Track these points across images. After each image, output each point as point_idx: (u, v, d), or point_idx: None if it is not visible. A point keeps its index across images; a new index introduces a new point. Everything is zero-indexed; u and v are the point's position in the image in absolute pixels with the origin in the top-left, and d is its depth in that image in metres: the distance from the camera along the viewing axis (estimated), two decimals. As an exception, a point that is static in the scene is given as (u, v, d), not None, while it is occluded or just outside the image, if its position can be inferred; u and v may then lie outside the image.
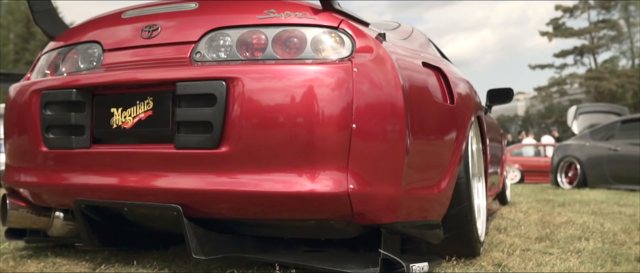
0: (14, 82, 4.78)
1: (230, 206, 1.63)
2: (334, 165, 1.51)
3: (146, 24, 1.82)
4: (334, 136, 1.51)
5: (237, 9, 1.74)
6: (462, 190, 1.96)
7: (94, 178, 1.75)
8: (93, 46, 1.92)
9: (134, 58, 1.78)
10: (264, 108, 1.55)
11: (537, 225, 3.12)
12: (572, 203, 4.65)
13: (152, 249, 2.15)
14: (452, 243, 2.00)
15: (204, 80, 1.58)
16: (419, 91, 1.73)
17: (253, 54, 1.65)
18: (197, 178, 1.59)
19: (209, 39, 1.70)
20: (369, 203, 1.55)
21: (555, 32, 38.70)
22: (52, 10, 2.13)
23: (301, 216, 1.61)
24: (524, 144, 15.84)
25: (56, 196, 1.90)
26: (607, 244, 2.47)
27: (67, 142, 1.79)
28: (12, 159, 1.99)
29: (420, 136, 1.69)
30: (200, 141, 1.57)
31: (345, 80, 1.54)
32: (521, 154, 14.82)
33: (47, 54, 2.07)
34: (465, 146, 1.99)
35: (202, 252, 1.64)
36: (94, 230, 1.86)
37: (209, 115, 1.56)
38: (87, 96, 1.78)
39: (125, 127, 1.71)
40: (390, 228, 1.67)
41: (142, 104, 1.69)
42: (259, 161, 1.56)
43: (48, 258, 2.02)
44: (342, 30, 1.64)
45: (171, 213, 1.61)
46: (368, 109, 1.54)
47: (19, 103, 1.95)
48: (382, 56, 1.60)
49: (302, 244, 1.99)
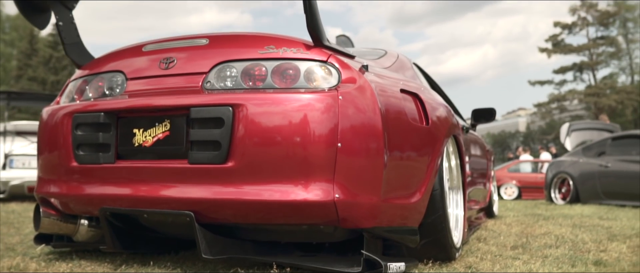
0: (41, 100, 5.13)
1: (235, 212, 1.90)
2: (323, 177, 1.80)
3: (164, 56, 2.12)
4: (322, 153, 1.80)
5: (241, 44, 2.04)
6: (437, 200, 2.24)
7: (118, 189, 2.04)
8: (117, 74, 2.22)
9: (153, 86, 2.08)
10: (264, 129, 1.83)
11: (516, 236, 3.38)
12: (557, 217, 4.91)
13: (165, 253, 2.43)
14: (429, 248, 2.28)
15: (213, 106, 1.87)
16: (396, 114, 2.02)
17: (255, 83, 1.95)
18: (207, 188, 1.87)
19: (218, 70, 2.00)
20: (352, 210, 1.83)
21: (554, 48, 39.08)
22: (80, 42, 2.44)
23: (295, 221, 1.89)
24: (522, 160, 16.08)
25: (83, 205, 2.18)
26: (573, 251, 2.73)
27: (95, 158, 2.08)
28: (44, 172, 2.28)
29: (397, 152, 1.98)
30: (210, 157, 1.86)
31: (332, 106, 1.83)
32: (519, 171, 15.04)
33: (74, 81, 2.37)
34: (440, 162, 2.27)
35: (210, 252, 1.92)
36: (117, 235, 2.14)
37: (218, 135, 1.85)
38: (112, 119, 2.07)
39: (146, 145, 2.00)
40: (372, 233, 1.94)
41: (160, 125, 1.98)
42: (260, 174, 1.84)
43: (74, 260, 2.29)
44: (330, 63, 1.93)
45: (184, 219, 1.89)
46: (351, 131, 1.82)
47: (51, 124, 2.24)
48: (363, 85, 1.89)
49: (297, 249, 2.26)
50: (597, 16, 37.31)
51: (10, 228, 3.64)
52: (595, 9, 37.24)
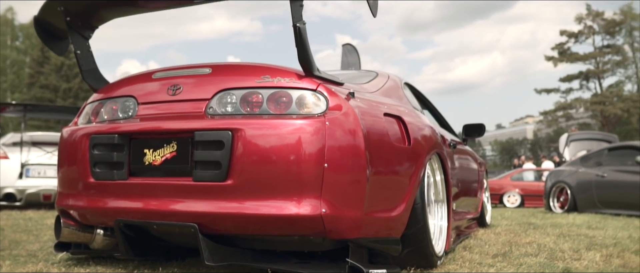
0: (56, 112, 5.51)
1: (234, 225, 2.15)
2: (311, 194, 2.04)
3: (171, 83, 2.37)
4: (311, 173, 2.04)
5: (240, 73, 2.29)
6: (418, 213, 2.47)
7: (130, 203, 2.29)
8: (129, 99, 2.47)
9: (162, 110, 2.34)
10: (260, 151, 2.08)
11: (501, 245, 3.60)
12: (547, 227, 5.11)
13: (172, 259, 2.67)
14: (412, 256, 2.51)
15: (215, 130, 2.12)
16: (378, 136, 2.26)
17: (252, 109, 2.19)
18: (209, 203, 2.12)
19: (219, 97, 2.25)
20: (338, 223, 2.07)
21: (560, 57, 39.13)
22: (96, 68, 2.70)
23: (288, 232, 2.12)
24: (525, 169, 16.22)
25: (99, 217, 2.43)
26: (548, 260, 2.94)
27: (110, 175, 2.33)
28: (64, 187, 2.54)
29: (379, 171, 2.21)
30: (212, 175, 2.11)
31: (320, 130, 2.07)
32: (521, 179, 15.19)
33: (91, 104, 2.63)
34: (420, 178, 2.50)
35: (213, 260, 2.16)
36: (129, 244, 2.39)
37: (219, 156, 2.09)
38: (126, 140, 2.33)
39: (155, 164, 2.25)
40: (356, 243, 2.18)
41: (168, 146, 2.23)
42: (256, 191, 2.08)
43: (90, 266, 2.54)
44: (319, 92, 2.17)
45: (189, 230, 2.14)
46: (336, 152, 2.06)
47: (70, 143, 2.50)
48: (348, 111, 2.13)
49: (293, 256, 2.50)
50: (603, 25, 37.38)
51: (30, 235, 3.90)
52: (602, 17, 37.32)
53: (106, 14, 2.63)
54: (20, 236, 3.87)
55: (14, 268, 2.47)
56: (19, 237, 3.80)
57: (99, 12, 2.59)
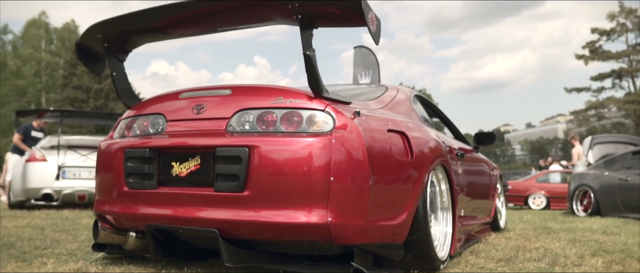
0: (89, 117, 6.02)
1: (251, 231, 2.39)
2: (319, 204, 2.27)
3: (196, 103, 2.64)
4: (318, 185, 2.27)
5: (257, 94, 2.54)
6: (420, 221, 2.68)
7: (159, 209, 2.56)
8: (159, 117, 2.75)
9: (187, 128, 2.60)
10: (274, 165, 2.32)
11: (509, 249, 3.76)
12: (562, 231, 5.22)
13: (196, 260, 2.94)
14: (415, 261, 2.72)
15: (234, 147, 2.37)
16: (381, 151, 2.47)
17: (267, 127, 2.44)
18: (228, 211, 2.37)
19: (238, 116, 2.50)
20: (343, 230, 2.29)
21: (591, 55, 38.41)
22: (129, 88, 2.99)
23: (298, 238, 2.36)
24: (551, 170, 16.10)
25: (132, 222, 2.71)
26: (549, 265, 3.11)
27: (141, 184, 2.61)
28: (101, 195, 2.83)
29: (381, 183, 2.43)
30: (231, 186, 2.36)
31: (327, 146, 2.30)
32: (548, 181, 15.08)
33: (125, 120, 2.92)
34: (423, 188, 2.71)
35: (232, 261, 2.41)
36: (158, 245, 2.66)
37: (237, 170, 2.34)
38: (155, 154, 2.60)
39: (181, 175, 2.52)
40: (360, 248, 2.40)
41: (193, 160, 2.50)
42: (270, 201, 2.32)
43: (124, 265, 2.83)
44: (327, 112, 2.40)
45: (211, 235, 2.39)
46: (341, 167, 2.29)
47: (107, 155, 2.79)
48: (352, 129, 2.35)
49: (306, 259, 2.73)
50: (636, 22, 36.53)
51: (68, 235, 4.24)
52: (635, 15, 36.48)
53: (138, 40, 2.91)
54: (60, 235, 4.21)
55: (57, 267, 2.77)
56: (59, 236, 4.13)
57: (132, 38, 2.88)
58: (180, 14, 2.64)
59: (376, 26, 2.39)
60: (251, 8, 2.51)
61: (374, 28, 2.36)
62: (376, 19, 2.40)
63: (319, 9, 2.34)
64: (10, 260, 2.98)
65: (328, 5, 2.32)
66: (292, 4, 2.29)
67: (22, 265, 2.81)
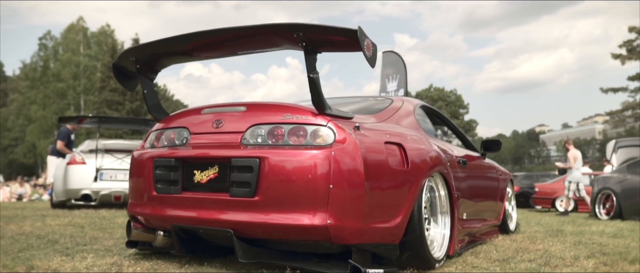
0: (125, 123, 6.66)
1: (261, 231, 2.73)
2: (320, 209, 2.59)
3: (215, 118, 3.00)
4: (320, 192, 2.59)
5: (268, 111, 2.88)
6: (415, 223, 2.97)
7: (183, 212, 2.92)
8: (184, 130, 3.12)
9: (208, 140, 2.96)
10: (281, 174, 2.65)
11: (509, 250, 3.99)
12: (570, 234, 5.38)
13: (216, 256, 3.30)
14: (411, 259, 3.01)
15: (247, 158, 2.71)
16: (377, 161, 2.77)
17: (276, 140, 2.77)
18: (242, 214, 2.71)
19: (251, 131, 2.85)
20: (341, 231, 2.61)
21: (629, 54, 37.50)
22: (159, 103, 3.37)
23: (303, 238, 2.69)
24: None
25: (160, 222, 3.09)
26: (539, 265, 3.33)
27: (168, 189, 2.98)
28: (134, 198, 3.22)
29: (377, 190, 2.73)
30: (244, 192, 2.70)
31: (327, 158, 2.62)
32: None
33: (154, 132, 3.31)
34: (418, 194, 2.99)
35: (245, 258, 2.75)
36: (182, 243, 3.03)
37: (249, 178, 2.69)
38: (180, 163, 2.97)
39: (202, 182, 2.88)
40: (358, 247, 2.71)
41: (212, 169, 2.85)
42: (278, 206, 2.66)
43: (153, 259, 3.21)
44: (329, 127, 2.72)
45: (226, 234, 2.74)
46: (340, 176, 2.60)
47: (139, 163, 3.18)
48: (350, 142, 2.67)
49: (314, 256, 3.05)
50: (675, 20, 35.45)
51: (105, 233, 4.68)
52: (673, 12, 35.41)
53: (166, 62, 3.30)
54: (97, 233, 4.65)
55: (96, 261, 3.17)
56: (97, 234, 4.57)
57: (161, 60, 3.27)
58: (202, 40, 3.00)
59: (372, 52, 2.69)
60: (262, 36, 2.85)
61: (369, 53, 2.67)
62: (372, 45, 2.71)
63: (320, 37, 2.67)
64: (56, 254, 3.40)
65: (328, 34, 2.65)
66: (298, 33, 2.62)
67: (65, 259, 3.22)
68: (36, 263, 3.02)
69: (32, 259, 3.18)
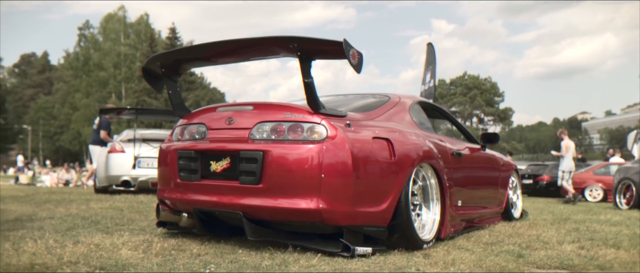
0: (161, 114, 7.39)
1: (266, 213, 3.20)
2: (314, 195, 3.04)
3: (228, 115, 3.48)
4: (314, 180, 3.04)
5: (271, 110, 3.34)
6: (402, 208, 3.38)
7: (202, 196, 3.42)
8: (202, 125, 3.61)
9: (222, 135, 3.45)
10: (281, 165, 3.11)
11: (502, 235, 4.31)
12: (575, 222, 5.64)
13: (232, 235, 3.80)
14: (400, 240, 3.43)
15: (253, 151, 3.18)
16: (365, 154, 3.19)
17: (278, 136, 3.23)
18: (250, 199, 3.19)
19: (257, 127, 3.31)
20: (331, 214, 3.05)
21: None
22: (182, 102, 3.88)
23: (300, 220, 3.14)
24: (611, 163, 15.78)
25: (184, 205, 3.60)
26: (520, 248, 3.67)
27: (189, 177, 3.48)
28: (162, 184, 3.75)
29: (364, 179, 3.16)
30: (251, 180, 3.17)
31: (320, 151, 3.06)
32: (607, 173, 14.83)
33: (179, 127, 3.82)
34: (405, 183, 3.40)
35: (253, 236, 3.23)
36: (203, 223, 3.54)
37: (255, 168, 3.15)
38: (199, 154, 3.46)
39: (217, 171, 3.36)
40: (348, 228, 3.15)
41: (225, 160, 3.33)
42: (280, 192, 3.12)
43: (179, 237, 3.73)
44: (322, 124, 3.16)
45: (237, 216, 3.22)
46: (330, 166, 3.04)
47: (166, 154, 3.69)
48: (340, 138, 3.10)
49: (317, 236, 3.50)
50: None
51: (141, 215, 5.26)
52: None
53: (188, 66, 3.81)
54: (134, 215, 5.24)
55: (131, 237, 3.71)
56: (134, 216, 5.16)
57: (183, 65, 3.78)
58: (216, 49, 3.47)
59: (357, 60, 3.11)
60: (264, 46, 3.32)
61: (354, 61, 3.08)
62: (357, 54, 3.12)
63: (312, 47, 3.11)
64: (98, 232, 3.96)
65: (319, 44, 3.08)
66: (293, 44, 3.06)
67: (105, 236, 3.78)
68: (81, 239, 3.58)
69: (78, 236, 3.74)
